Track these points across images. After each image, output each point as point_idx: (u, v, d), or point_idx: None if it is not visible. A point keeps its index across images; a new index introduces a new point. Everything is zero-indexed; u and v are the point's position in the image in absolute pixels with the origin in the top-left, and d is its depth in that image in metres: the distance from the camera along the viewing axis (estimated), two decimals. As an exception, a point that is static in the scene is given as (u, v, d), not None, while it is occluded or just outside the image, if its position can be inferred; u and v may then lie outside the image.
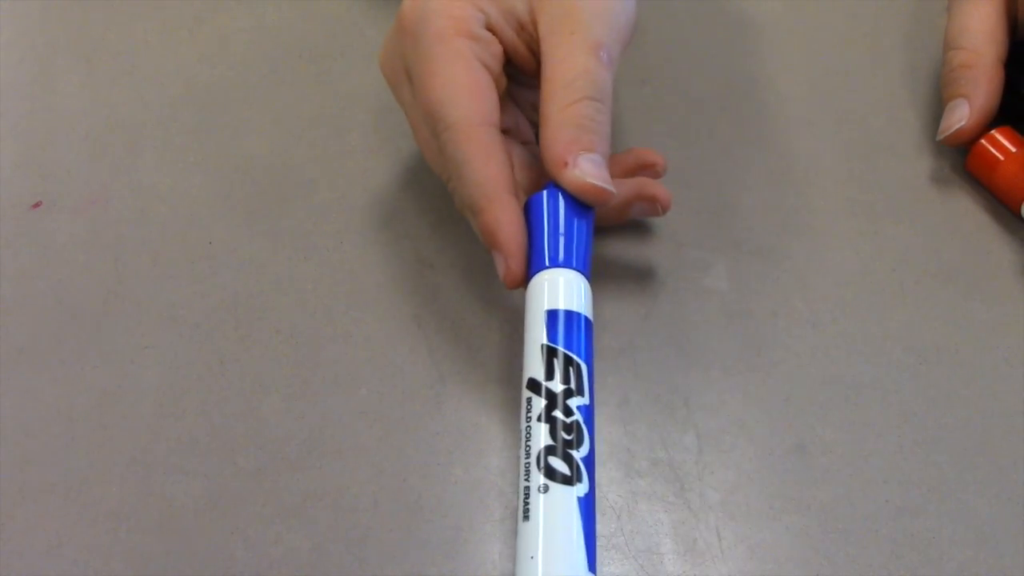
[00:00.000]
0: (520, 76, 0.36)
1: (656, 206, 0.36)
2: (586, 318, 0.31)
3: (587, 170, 0.32)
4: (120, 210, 0.41)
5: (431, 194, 0.40)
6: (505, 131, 0.35)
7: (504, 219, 0.32)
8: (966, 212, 0.40)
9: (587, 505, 0.28)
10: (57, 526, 0.32)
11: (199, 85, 0.45)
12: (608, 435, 0.34)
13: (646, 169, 0.37)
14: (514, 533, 0.31)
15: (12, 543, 0.32)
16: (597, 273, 0.36)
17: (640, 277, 0.38)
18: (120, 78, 0.45)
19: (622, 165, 0.37)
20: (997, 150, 0.39)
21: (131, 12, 0.48)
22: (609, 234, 0.39)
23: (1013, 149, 0.39)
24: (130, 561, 0.32)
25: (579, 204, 0.33)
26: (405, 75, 0.35)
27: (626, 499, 0.33)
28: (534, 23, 0.34)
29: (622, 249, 0.39)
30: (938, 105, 0.41)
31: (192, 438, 0.34)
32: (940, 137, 0.40)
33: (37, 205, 0.41)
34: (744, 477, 0.33)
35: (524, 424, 0.29)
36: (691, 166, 0.41)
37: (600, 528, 0.32)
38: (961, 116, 0.39)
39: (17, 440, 0.34)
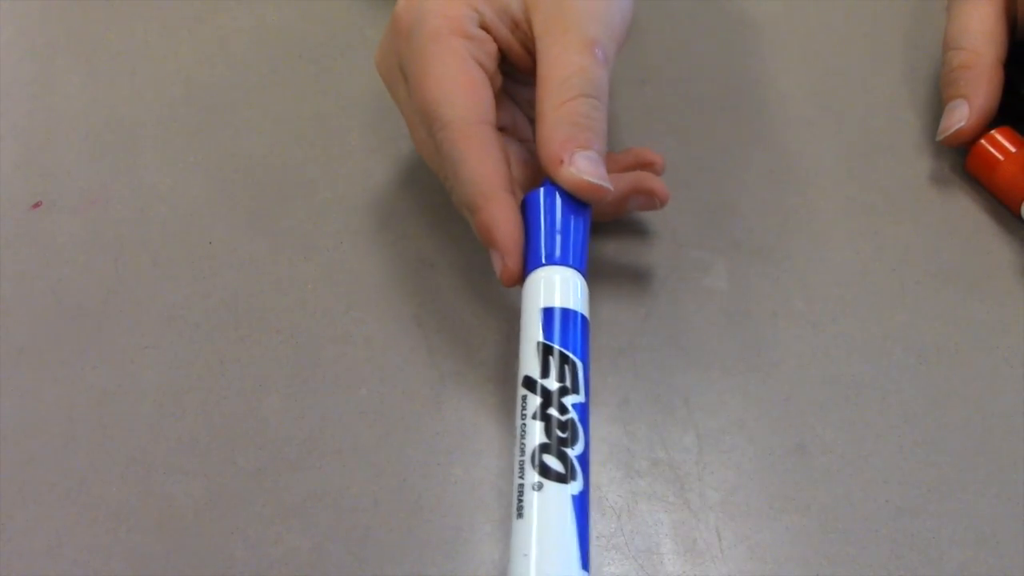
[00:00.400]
0: (517, 74, 0.36)
1: (654, 200, 0.36)
2: (582, 316, 0.31)
3: (583, 167, 0.32)
4: (120, 210, 0.41)
5: (430, 194, 0.40)
6: (502, 129, 0.36)
7: (500, 217, 0.32)
8: (966, 212, 0.40)
9: (581, 503, 0.28)
10: (57, 526, 0.32)
11: (199, 85, 0.45)
12: (608, 435, 0.34)
13: (645, 168, 0.37)
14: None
15: (12, 543, 0.32)
16: (597, 273, 0.36)
17: (640, 277, 0.38)
18: (120, 78, 0.46)
19: (620, 164, 0.37)
20: (997, 150, 0.39)
21: (131, 12, 0.48)
22: (608, 234, 0.39)
23: (1013, 149, 0.39)
24: (130, 561, 0.32)
25: (575, 201, 0.32)
26: (400, 74, 0.35)
27: (626, 499, 0.33)
28: (528, 21, 0.34)
29: (621, 249, 0.39)
30: (938, 105, 0.41)
31: (192, 438, 0.34)
32: (940, 137, 0.40)
33: (37, 205, 0.41)
34: (744, 477, 0.33)
35: (519, 422, 0.29)
36: (691, 165, 0.41)
37: (600, 528, 0.32)
38: (961, 116, 0.39)
39: (17, 440, 0.34)
